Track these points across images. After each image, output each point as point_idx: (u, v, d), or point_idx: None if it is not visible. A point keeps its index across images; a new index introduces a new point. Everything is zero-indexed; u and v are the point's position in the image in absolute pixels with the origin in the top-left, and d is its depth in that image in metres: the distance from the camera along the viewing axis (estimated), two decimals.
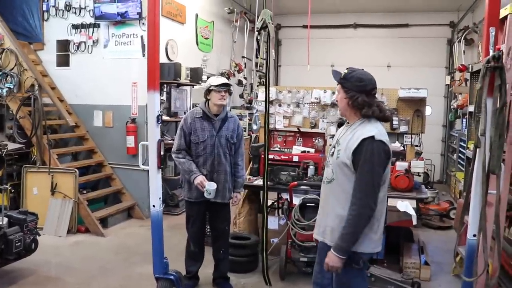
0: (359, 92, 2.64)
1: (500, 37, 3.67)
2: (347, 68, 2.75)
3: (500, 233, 2.90)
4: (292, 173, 4.84)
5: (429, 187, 7.61)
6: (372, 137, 2.54)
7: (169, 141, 5.84)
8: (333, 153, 2.75)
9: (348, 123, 2.82)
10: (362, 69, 2.76)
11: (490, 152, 2.73)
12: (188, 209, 4.25)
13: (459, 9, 10.04)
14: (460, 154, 8.30)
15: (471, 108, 6.64)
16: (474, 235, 2.91)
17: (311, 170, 4.96)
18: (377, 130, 2.59)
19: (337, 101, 2.83)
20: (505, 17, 3.62)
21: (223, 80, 4.04)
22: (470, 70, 6.89)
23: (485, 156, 2.75)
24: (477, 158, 2.84)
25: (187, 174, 4.00)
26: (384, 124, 2.76)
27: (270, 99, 5.88)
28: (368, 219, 2.56)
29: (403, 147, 5.52)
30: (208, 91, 4.01)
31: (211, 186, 3.87)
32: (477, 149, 2.82)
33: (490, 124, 2.73)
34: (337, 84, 2.77)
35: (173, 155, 4.10)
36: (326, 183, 2.78)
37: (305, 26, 10.62)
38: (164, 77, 6.57)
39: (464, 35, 9.27)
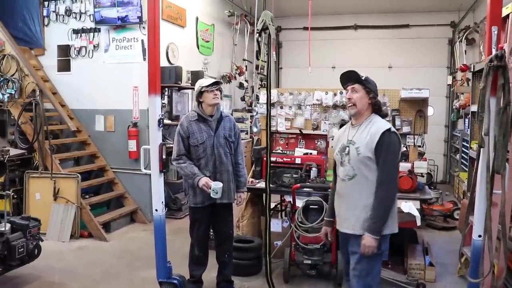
0: (376, 94, 3.04)
1: (502, 36, 3.66)
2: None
3: (506, 234, 2.88)
4: (294, 175, 4.83)
5: (432, 187, 7.59)
6: (389, 129, 2.91)
7: (171, 145, 5.81)
8: (348, 151, 3.00)
9: (352, 124, 3.10)
10: None
11: (495, 152, 2.71)
12: (193, 214, 4.18)
13: (460, 9, 10.03)
14: (463, 154, 8.27)
15: (473, 108, 6.60)
16: (479, 236, 2.89)
17: (313, 172, 4.95)
18: (389, 124, 2.98)
19: (349, 99, 3.03)
20: (507, 16, 3.62)
21: (213, 79, 4.08)
22: (472, 70, 6.86)
23: (489, 156, 2.73)
24: (481, 158, 2.83)
25: (190, 179, 3.97)
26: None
27: (272, 102, 5.87)
28: (393, 201, 2.94)
29: (406, 148, 5.49)
30: (200, 94, 4.00)
31: (217, 185, 3.84)
32: (481, 149, 2.80)
33: (494, 123, 2.71)
34: (353, 84, 3.03)
35: (174, 162, 4.07)
36: (347, 180, 3.01)
37: (305, 28, 10.61)
38: (165, 80, 6.58)
39: (465, 35, 9.25)
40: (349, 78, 3.05)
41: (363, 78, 3.02)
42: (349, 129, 3.11)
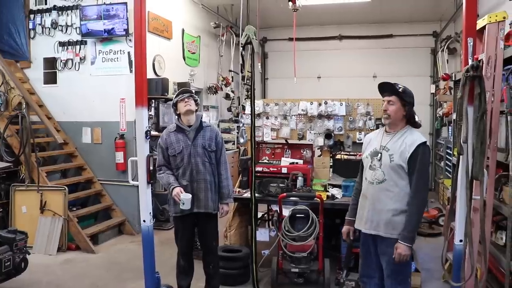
0: (412, 105, 3.18)
1: (479, 47, 3.77)
2: (394, 83, 3.21)
3: (486, 238, 2.96)
4: (281, 185, 4.88)
5: None
6: (424, 142, 3.09)
7: None
8: (380, 157, 3.16)
9: (386, 130, 3.24)
10: None
11: (473, 159, 2.80)
12: (175, 224, 4.23)
13: (441, 19, 10.24)
14: (447, 161, 8.39)
15: (455, 116, 6.73)
16: (461, 241, 2.96)
17: (299, 181, 5.00)
18: (423, 137, 3.13)
19: (385, 110, 3.19)
20: (484, 27, 3.73)
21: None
22: (453, 79, 7.00)
23: (468, 163, 2.81)
24: (461, 164, 2.91)
25: (167, 188, 4.04)
26: None
27: (258, 112, 5.95)
28: (424, 210, 3.16)
29: None
30: (175, 106, 4.12)
31: (185, 196, 3.86)
32: (460, 156, 2.89)
33: (472, 131, 2.80)
34: (390, 96, 3.16)
35: (156, 174, 4.14)
36: (376, 184, 3.18)
37: (291, 39, 10.71)
38: (152, 92, 6.63)
39: (447, 45, 9.44)
40: (386, 89, 3.20)
41: (400, 90, 3.15)
42: (382, 135, 3.26)
